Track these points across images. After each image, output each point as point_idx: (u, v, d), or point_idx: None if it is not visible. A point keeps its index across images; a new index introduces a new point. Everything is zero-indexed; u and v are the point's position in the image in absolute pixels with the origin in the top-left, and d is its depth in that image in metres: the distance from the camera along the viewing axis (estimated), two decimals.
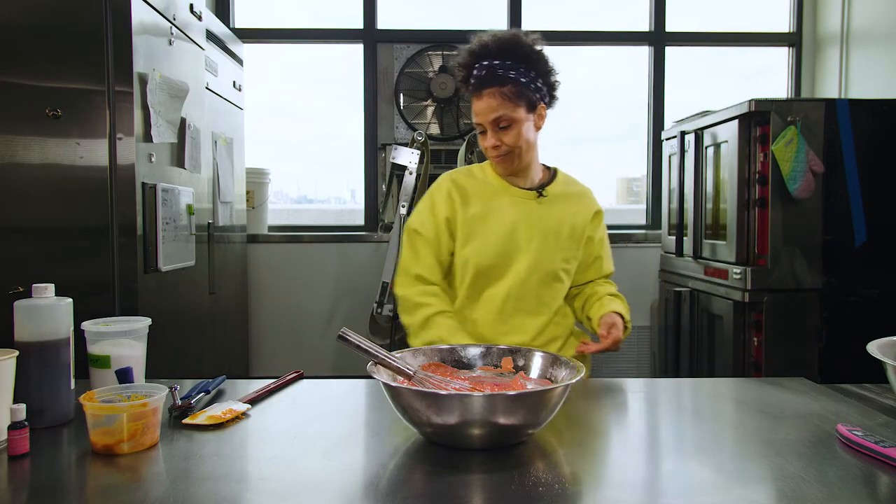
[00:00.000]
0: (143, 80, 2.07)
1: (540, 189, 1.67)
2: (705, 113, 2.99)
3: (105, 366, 1.21)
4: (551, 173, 1.74)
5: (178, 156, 2.35)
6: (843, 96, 3.52)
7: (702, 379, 1.86)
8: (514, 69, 1.55)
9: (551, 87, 1.64)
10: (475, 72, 1.57)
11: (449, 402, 0.96)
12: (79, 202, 2.01)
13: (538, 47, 1.59)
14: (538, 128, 1.64)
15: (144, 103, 2.07)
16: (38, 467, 0.95)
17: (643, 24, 3.94)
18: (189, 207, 2.40)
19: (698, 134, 3.01)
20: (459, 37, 2.09)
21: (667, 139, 3.41)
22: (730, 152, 2.75)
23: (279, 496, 0.86)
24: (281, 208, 4.05)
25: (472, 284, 1.65)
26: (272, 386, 1.34)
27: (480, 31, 1.61)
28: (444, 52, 3.75)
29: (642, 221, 4.00)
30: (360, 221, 3.94)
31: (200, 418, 1.12)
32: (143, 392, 1.05)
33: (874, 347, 1.14)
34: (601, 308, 1.62)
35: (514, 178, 1.68)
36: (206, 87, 2.76)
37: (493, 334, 1.64)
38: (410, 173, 3.19)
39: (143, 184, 2.07)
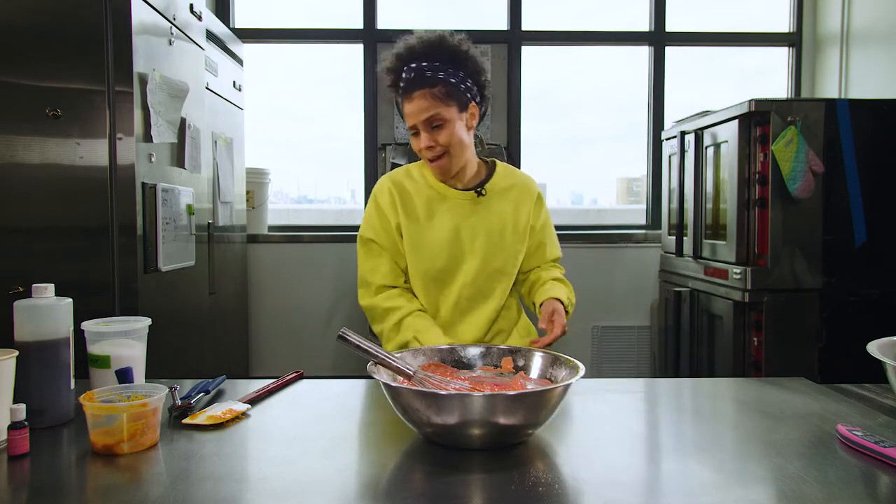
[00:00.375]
0: (143, 80, 2.07)
1: (478, 188, 1.67)
2: (705, 113, 2.99)
3: (105, 366, 1.21)
4: (489, 168, 1.73)
5: (178, 156, 2.35)
6: (843, 96, 3.52)
7: (702, 379, 1.86)
8: (443, 70, 1.54)
9: (481, 87, 1.63)
10: (404, 75, 1.56)
11: (449, 402, 0.96)
12: (79, 202, 2.01)
13: (465, 48, 1.58)
14: (470, 127, 1.63)
15: (144, 103, 2.07)
16: (38, 467, 0.95)
17: (643, 24, 3.94)
18: (189, 207, 2.40)
19: (698, 134, 3.01)
20: None
21: (667, 139, 3.40)
22: (730, 152, 2.75)
23: (279, 496, 0.86)
24: (281, 208, 4.05)
25: (423, 288, 1.66)
26: (272, 386, 1.34)
27: (439, 29, 1.60)
28: None
29: (642, 221, 3.99)
30: (360, 221, 3.93)
31: (200, 418, 1.12)
32: (143, 392, 1.05)
33: (874, 347, 1.14)
34: (542, 294, 1.62)
35: (451, 179, 1.67)
36: (206, 87, 2.76)
37: (450, 332, 1.66)
38: None
39: (143, 184, 2.07)
